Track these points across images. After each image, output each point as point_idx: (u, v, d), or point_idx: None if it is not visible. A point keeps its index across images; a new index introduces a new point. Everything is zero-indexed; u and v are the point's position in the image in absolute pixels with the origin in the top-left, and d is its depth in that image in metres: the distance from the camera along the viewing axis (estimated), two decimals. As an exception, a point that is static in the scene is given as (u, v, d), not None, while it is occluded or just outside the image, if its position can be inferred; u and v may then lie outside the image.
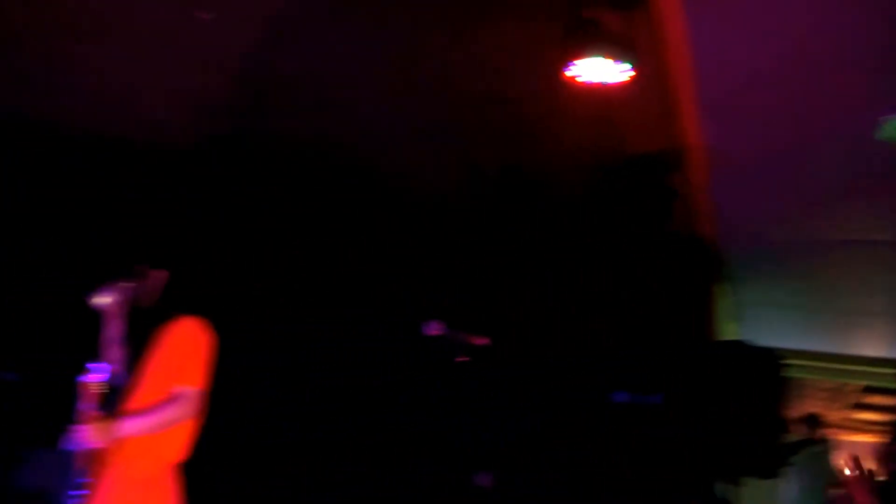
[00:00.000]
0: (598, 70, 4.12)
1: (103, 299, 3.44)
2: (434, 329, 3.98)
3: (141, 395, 3.40)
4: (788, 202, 5.54)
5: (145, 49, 4.44)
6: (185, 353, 3.43)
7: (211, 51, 4.43)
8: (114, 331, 3.45)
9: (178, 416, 3.36)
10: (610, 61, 4.13)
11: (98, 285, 3.46)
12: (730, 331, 7.43)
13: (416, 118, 4.88)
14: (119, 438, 3.27)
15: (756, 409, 5.17)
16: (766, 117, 4.67)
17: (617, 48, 4.13)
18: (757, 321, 7.77)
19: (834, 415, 10.23)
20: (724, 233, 5.91)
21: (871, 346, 8.40)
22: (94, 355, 3.38)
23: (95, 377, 3.28)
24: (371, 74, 4.57)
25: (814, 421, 7.21)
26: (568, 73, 4.13)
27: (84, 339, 3.52)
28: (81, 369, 3.29)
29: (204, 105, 4.81)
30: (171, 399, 3.35)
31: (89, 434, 3.21)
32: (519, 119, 4.85)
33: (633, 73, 4.16)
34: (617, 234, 5.50)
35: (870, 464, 5.30)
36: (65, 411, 3.39)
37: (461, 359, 3.62)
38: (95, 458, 3.29)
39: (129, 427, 3.29)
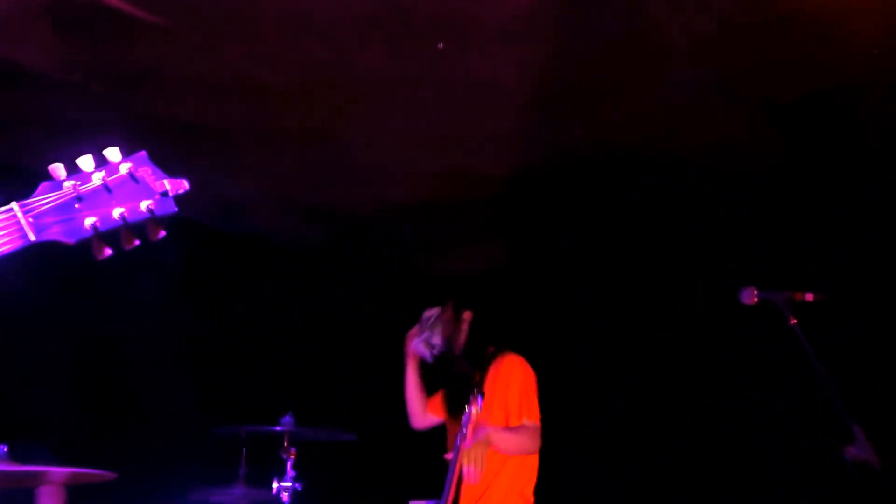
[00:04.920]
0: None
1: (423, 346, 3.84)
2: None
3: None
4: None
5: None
6: (520, 390, 3.65)
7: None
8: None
9: (530, 446, 3.63)
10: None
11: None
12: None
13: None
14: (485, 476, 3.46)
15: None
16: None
17: None
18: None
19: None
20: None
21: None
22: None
23: (476, 407, 3.47)
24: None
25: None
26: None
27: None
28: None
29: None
30: (522, 429, 3.59)
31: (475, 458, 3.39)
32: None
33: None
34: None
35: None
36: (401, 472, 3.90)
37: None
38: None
39: (497, 438, 3.51)
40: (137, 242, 1.58)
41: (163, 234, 1.59)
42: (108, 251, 1.57)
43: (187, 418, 4.80)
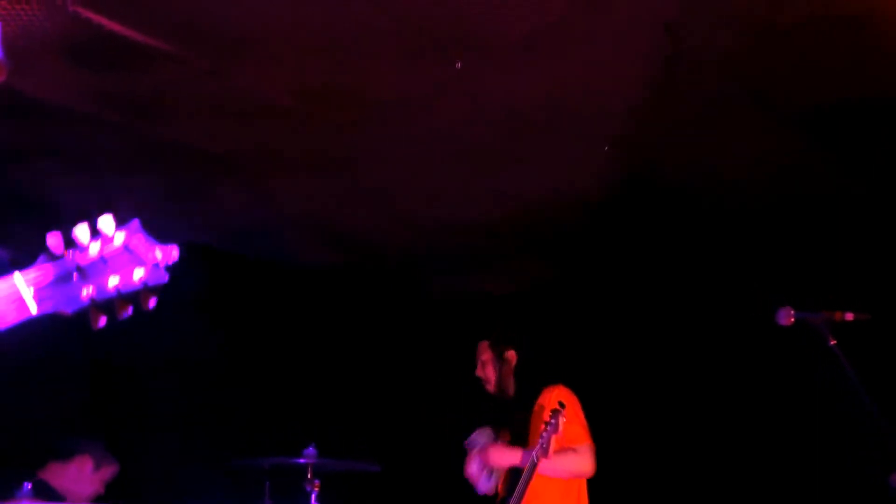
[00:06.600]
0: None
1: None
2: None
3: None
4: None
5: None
6: (568, 419, 3.62)
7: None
8: None
9: (581, 468, 3.67)
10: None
11: None
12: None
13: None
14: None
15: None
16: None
17: None
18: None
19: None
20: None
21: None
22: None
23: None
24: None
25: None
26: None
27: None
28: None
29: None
30: (568, 451, 3.62)
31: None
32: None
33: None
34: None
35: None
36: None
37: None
38: None
39: (545, 464, 3.55)
40: (131, 310, 1.63)
41: (154, 301, 1.63)
42: (104, 320, 1.62)
43: (210, 451, 4.75)
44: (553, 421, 3.49)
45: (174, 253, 1.63)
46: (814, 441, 4.68)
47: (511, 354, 3.90)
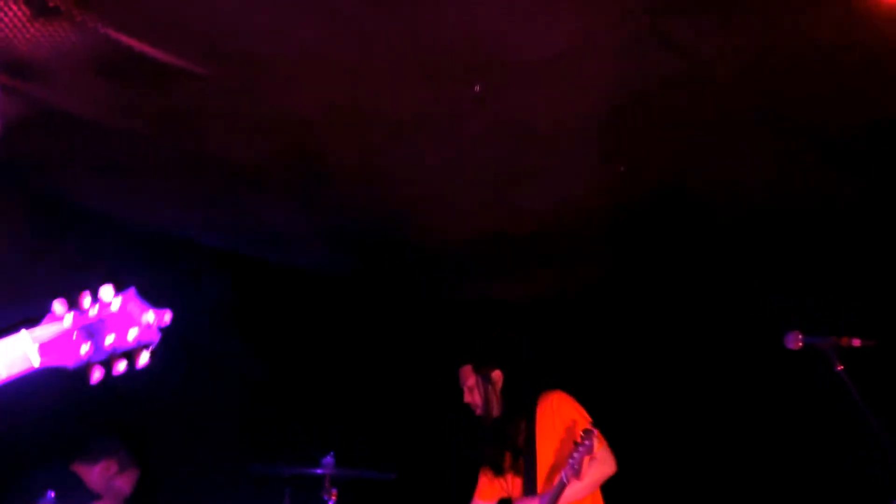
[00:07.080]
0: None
1: None
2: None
3: (550, 472, 3.53)
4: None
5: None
6: (579, 422, 3.52)
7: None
8: None
9: (607, 470, 3.51)
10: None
11: None
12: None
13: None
14: None
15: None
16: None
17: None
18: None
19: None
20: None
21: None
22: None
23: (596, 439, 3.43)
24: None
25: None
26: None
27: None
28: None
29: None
30: (593, 461, 3.42)
31: None
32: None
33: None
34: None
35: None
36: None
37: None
38: None
39: (574, 491, 3.41)
40: (126, 368, 1.80)
41: (148, 361, 1.81)
42: (101, 375, 1.79)
43: (231, 458, 4.82)
44: (587, 442, 3.34)
45: (166, 317, 1.80)
46: (820, 465, 4.66)
47: (497, 374, 3.75)
